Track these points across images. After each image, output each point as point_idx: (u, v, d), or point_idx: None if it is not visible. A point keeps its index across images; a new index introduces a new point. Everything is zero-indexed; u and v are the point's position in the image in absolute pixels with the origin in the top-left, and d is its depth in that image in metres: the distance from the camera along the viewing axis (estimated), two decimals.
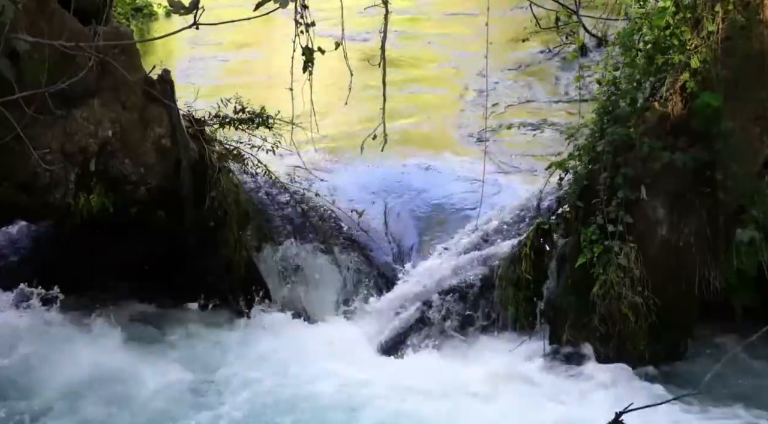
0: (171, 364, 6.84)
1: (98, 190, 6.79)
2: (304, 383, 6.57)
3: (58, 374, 6.68)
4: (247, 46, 13.67)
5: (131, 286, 7.69)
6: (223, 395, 6.45)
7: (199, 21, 4.21)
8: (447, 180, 8.62)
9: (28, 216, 7.33)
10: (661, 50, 6.57)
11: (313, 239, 7.75)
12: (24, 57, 5.84)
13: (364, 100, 7.45)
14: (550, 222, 7.17)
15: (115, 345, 7.04)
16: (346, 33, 5.46)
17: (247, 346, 7.10)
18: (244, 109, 7.67)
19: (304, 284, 7.63)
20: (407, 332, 7.17)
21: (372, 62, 5.61)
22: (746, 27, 6.28)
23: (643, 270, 6.51)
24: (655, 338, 6.62)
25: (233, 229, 7.38)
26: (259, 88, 10.04)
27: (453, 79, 11.72)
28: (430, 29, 14.50)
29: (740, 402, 6.34)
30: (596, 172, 6.70)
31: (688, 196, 6.58)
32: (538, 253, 7.11)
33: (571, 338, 6.72)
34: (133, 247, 7.41)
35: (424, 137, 9.80)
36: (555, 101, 10.90)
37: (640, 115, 6.65)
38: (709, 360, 6.88)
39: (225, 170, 7.41)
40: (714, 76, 6.33)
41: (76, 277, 7.58)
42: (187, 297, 7.62)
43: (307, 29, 5.56)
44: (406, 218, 8.17)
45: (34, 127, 6.14)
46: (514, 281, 7.08)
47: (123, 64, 6.45)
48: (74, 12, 6.46)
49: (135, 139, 6.97)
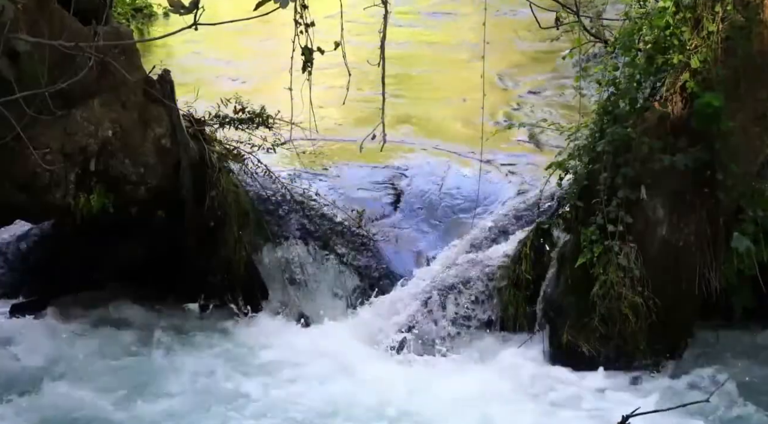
0: (170, 364, 6.84)
1: (98, 190, 6.79)
2: (303, 385, 6.57)
3: (58, 373, 6.69)
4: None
5: (131, 286, 7.70)
6: (221, 396, 6.45)
7: (199, 21, 4.21)
8: (447, 180, 8.61)
9: (28, 216, 7.32)
10: (661, 50, 6.57)
11: (312, 239, 7.75)
12: (24, 57, 5.84)
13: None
14: (550, 222, 7.17)
15: (115, 345, 7.05)
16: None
17: (246, 346, 7.10)
18: (244, 109, 7.67)
19: (303, 284, 7.62)
20: (407, 332, 7.16)
21: (372, 62, 5.60)
22: (746, 27, 6.27)
23: (643, 270, 6.51)
24: (655, 338, 6.62)
25: (233, 229, 7.37)
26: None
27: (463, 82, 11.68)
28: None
29: (747, 406, 6.34)
30: (596, 172, 6.70)
31: (688, 196, 6.58)
32: (538, 253, 7.11)
33: (571, 338, 6.71)
34: (132, 247, 7.41)
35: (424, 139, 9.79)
36: (555, 101, 10.90)
37: (640, 115, 6.65)
38: (709, 360, 6.89)
39: (225, 170, 7.41)
40: (714, 76, 6.33)
41: (75, 277, 7.58)
42: (186, 297, 7.62)
43: (306, 29, 5.56)
44: (406, 217, 8.16)
45: (34, 127, 6.14)
46: (514, 281, 7.08)
47: (123, 64, 6.44)
48: (74, 12, 6.46)
49: (135, 139, 6.97)
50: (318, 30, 5.73)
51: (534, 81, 11.29)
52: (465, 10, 14.16)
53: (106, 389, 6.50)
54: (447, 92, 10.83)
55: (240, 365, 6.83)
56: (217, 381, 6.63)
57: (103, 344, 7.07)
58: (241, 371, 6.74)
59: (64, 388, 6.50)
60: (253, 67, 11.60)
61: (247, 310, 7.53)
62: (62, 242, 7.65)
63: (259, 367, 6.81)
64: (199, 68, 11.40)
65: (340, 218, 7.93)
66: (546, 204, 7.55)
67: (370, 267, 7.71)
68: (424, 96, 10.72)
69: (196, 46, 12.07)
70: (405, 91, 10.64)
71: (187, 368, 6.77)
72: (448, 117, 10.08)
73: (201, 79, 10.17)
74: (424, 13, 14.52)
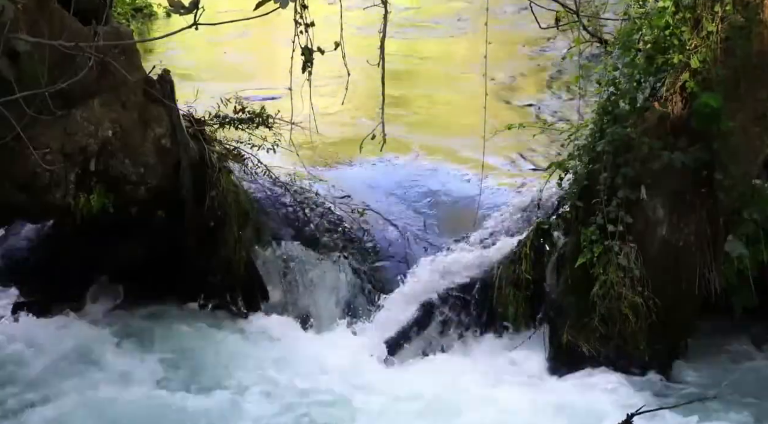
0: (169, 364, 6.84)
1: (98, 190, 6.79)
2: (302, 386, 6.57)
3: (55, 372, 6.69)
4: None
5: (131, 286, 7.70)
6: (220, 397, 6.45)
7: (199, 21, 4.20)
8: (447, 180, 8.61)
9: (27, 216, 7.32)
10: (661, 50, 6.57)
11: (312, 240, 7.74)
12: (24, 57, 5.83)
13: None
14: (550, 222, 7.17)
15: (114, 345, 7.05)
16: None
17: (245, 347, 7.10)
18: (244, 109, 7.67)
19: (303, 284, 7.62)
20: (406, 333, 7.17)
21: (371, 62, 5.60)
22: (746, 27, 6.28)
23: (643, 270, 6.51)
24: (656, 338, 6.62)
25: (233, 229, 7.37)
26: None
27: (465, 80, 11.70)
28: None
29: (750, 405, 6.34)
30: (596, 172, 6.70)
31: (688, 196, 6.58)
32: (538, 253, 7.11)
33: (571, 338, 6.72)
34: (132, 247, 7.41)
35: (425, 137, 9.80)
36: (556, 101, 10.92)
37: (640, 115, 6.66)
38: (709, 360, 6.89)
39: (225, 170, 7.41)
40: (714, 76, 6.33)
41: (75, 277, 7.58)
42: (186, 297, 7.62)
43: (306, 29, 5.55)
44: (406, 218, 8.16)
45: (34, 127, 6.14)
46: (514, 281, 7.08)
47: (123, 64, 6.44)
48: (74, 12, 6.45)
49: (135, 139, 6.97)
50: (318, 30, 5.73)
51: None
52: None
53: (106, 389, 6.50)
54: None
55: (238, 366, 6.82)
56: (217, 381, 6.64)
57: (103, 344, 7.07)
58: (239, 372, 6.74)
59: (64, 387, 6.51)
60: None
61: (247, 310, 7.54)
62: (62, 242, 7.64)
63: (257, 368, 6.81)
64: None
65: (340, 218, 7.93)
66: (546, 204, 7.54)
67: (369, 268, 7.71)
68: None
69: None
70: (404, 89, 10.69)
71: (186, 368, 6.78)
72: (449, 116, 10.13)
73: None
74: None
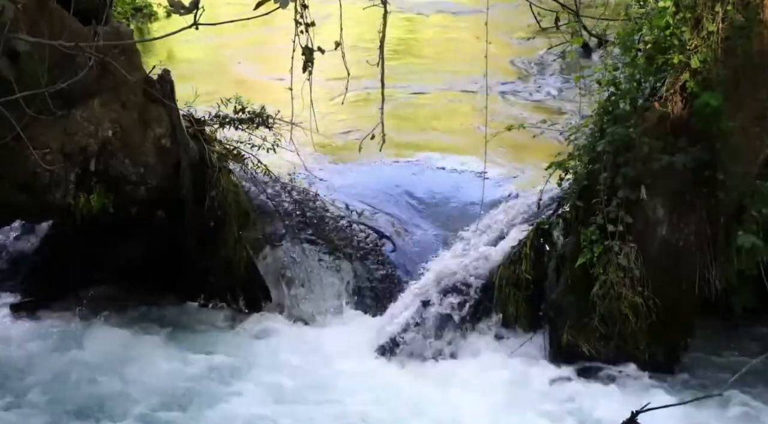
0: (169, 363, 6.84)
1: (98, 190, 6.79)
2: (302, 386, 6.57)
3: (55, 372, 6.69)
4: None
5: (131, 286, 7.70)
6: (220, 397, 6.45)
7: (199, 21, 4.20)
8: (447, 180, 8.62)
9: (28, 216, 7.33)
10: (661, 50, 6.57)
11: (312, 239, 7.75)
12: (24, 57, 5.83)
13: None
14: (550, 222, 7.17)
15: (114, 345, 7.05)
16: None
17: (245, 347, 7.10)
18: (244, 109, 7.67)
19: (303, 284, 7.62)
20: (407, 332, 7.16)
21: (371, 62, 5.60)
22: (746, 27, 6.27)
23: (643, 270, 6.51)
24: (656, 338, 6.62)
25: (233, 229, 7.38)
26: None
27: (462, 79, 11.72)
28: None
29: (751, 404, 6.34)
30: (596, 172, 6.70)
31: (688, 196, 6.58)
32: (538, 253, 7.11)
33: (571, 338, 6.72)
34: (132, 247, 7.41)
35: (426, 138, 9.81)
36: (556, 101, 10.93)
37: (640, 115, 6.65)
38: (709, 360, 6.89)
39: (225, 170, 7.41)
40: (714, 76, 6.33)
41: (75, 277, 7.59)
42: (187, 297, 7.63)
43: (306, 29, 5.55)
44: (406, 217, 8.17)
45: (34, 127, 6.14)
46: (514, 281, 7.08)
47: (123, 64, 6.44)
48: (74, 12, 6.46)
49: (135, 139, 6.97)
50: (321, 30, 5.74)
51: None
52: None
53: (105, 389, 6.51)
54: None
55: (238, 366, 6.83)
56: (214, 382, 6.64)
57: (103, 344, 7.07)
58: (239, 372, 6.75)
59: (63, 387, 6.51)
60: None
61: (247, 309, 7.54)
62: (62, 242, 7.65)
63: (257, 368, 6.81)
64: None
65: (340, 217, 7.94)
66: (546, 204, 7.55)
67: (370, 267, 7.72)
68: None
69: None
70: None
71: (186, 368, 6.78)
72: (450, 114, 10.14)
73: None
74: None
